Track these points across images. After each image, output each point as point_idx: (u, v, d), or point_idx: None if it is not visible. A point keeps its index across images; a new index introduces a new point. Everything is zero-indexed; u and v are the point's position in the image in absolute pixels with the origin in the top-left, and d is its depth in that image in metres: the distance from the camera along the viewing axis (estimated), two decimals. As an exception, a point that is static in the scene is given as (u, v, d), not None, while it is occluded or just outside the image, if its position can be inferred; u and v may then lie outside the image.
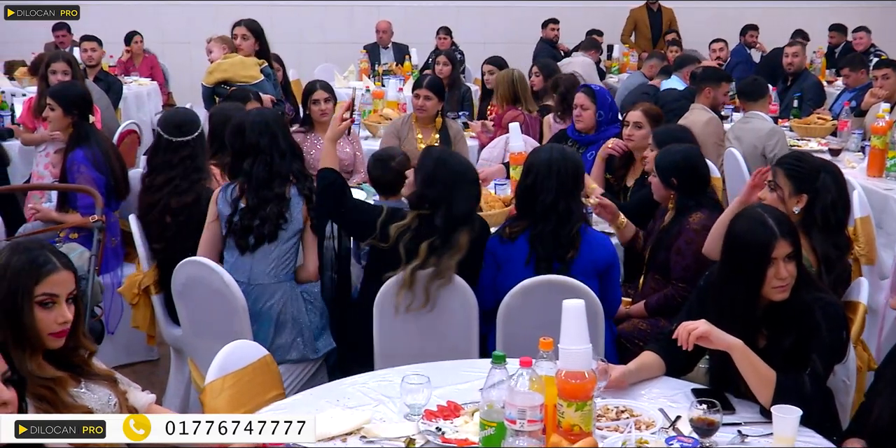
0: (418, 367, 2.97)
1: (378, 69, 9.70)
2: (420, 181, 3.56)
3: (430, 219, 3.50)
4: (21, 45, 10.79)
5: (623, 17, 11.66)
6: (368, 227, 3.55)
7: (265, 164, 3.84)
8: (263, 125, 3.89)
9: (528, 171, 3.58)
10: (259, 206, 3.82)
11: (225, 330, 3.68)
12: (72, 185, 4.50)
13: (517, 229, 3.58)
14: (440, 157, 3.61)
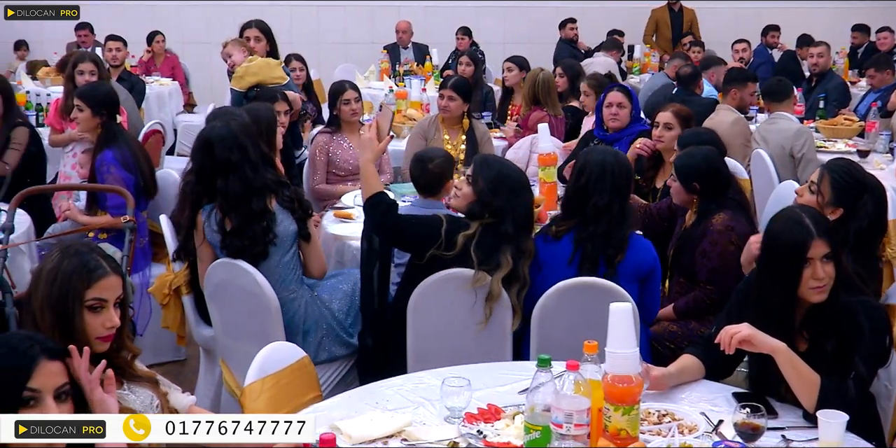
0: (456, 370, 2.96)
1: (399, 69, 9.69)
2: (482, 191, 3.49)
3: (494, 227, 3.47)
4: (43, 44, 10.85)
5: (643, 16, 11.62)
6: (431, 239, 3.46)
7: (240, 180, 3.65)
8: (231, 139, 3.68)
9: (581, 172, 3.57)
10: (244, 226, 3.66)
11: (257, 331, 3.68)
12: (104, 186, 4.50)
13: (563, 229, 3.57)
14: (500, 166, 3.58)
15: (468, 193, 3.55)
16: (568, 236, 3.56)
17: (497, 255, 3.44)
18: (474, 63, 7.99)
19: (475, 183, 3.52)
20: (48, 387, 1.97)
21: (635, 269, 3.54)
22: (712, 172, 3.98)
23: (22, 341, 2.01)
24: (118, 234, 4.67)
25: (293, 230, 3.77)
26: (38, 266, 2.44)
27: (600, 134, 5.50)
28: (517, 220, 3.48)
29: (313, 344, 3.77)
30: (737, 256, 3.88)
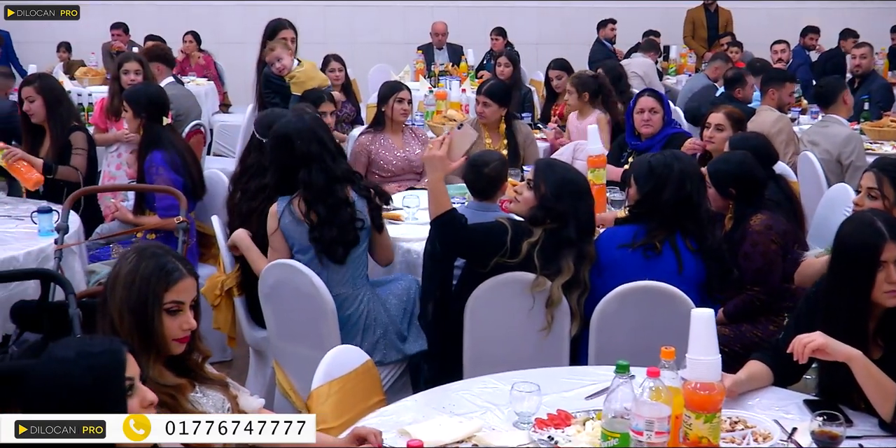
0: (522, 374, 2.94)
1: (434, 70, 9.67)
2: (544, 196, 3.45)
3: (556, 232, 3.43)
4: (80, 45, 10.89)
5: (678, 17, 11.54)
6: (497, 247, 3.42)
7: (322, 171, 3.70)
8: (310, 132, 3.73)
9: (683, 180, 3.48)
10: (332, 215, 3.69)
11: (313, 334, 3.67)
12: (157, 186, 4.51)
13: (661, 238, 3.49)
14: (563, 171, 3.54)
15: (529, 198, 3.51)
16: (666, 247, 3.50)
17: (558, 260, 3.41)
18: (513, 63, 7.96)
19: (537, 188, 3.48)
20: (136, 373, 1.98)
21: (697, 274, 3.50)
22: (748, 177, 3.95)
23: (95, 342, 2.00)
24: (167, 235, 4.68)
25: (369, 220, 3.79)
26: (114, 269, 2.43)
27: (632, 142, 5.45)
28: (580, 225, 3.45)
29: (369, 344, 3.74)
30: (780, 255, 3.85)
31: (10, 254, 4.14)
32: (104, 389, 1.93)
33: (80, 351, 1.94)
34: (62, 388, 1.93)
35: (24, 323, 3.25)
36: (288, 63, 6.06)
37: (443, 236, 3.49)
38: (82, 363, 1.93)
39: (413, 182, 5.60)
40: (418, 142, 5.73)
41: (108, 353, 1.95)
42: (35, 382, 1.93)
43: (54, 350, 1.94)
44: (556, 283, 3.38)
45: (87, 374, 1.93)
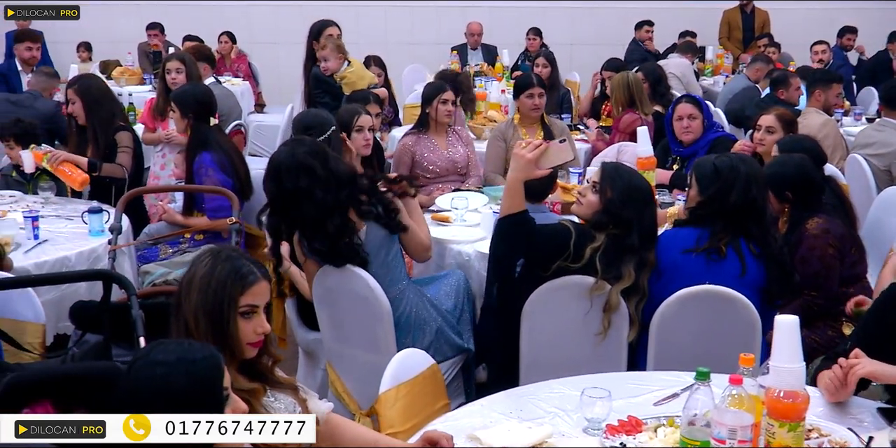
0: (588, 379, 2.91)
1: (469, 70, 9.64)
2: (610, 201, 3.41)
3: (619, 238, 3.40)
4: (116, 45, 10.93)
5: (713, 18, 11.45)
6: (560, 251, 3.38)
7: (312, 204, 3.49)
8: (296, 165, 3.48)
9: (749, 184, 3.44)
10: (332, 247, 3.54)
11: (368, 336, 3.64)
12: (209, 187, 4.50)
13: (725, 242, 3.45)
14: (630, 176, 3.50)
15: (593, 202, 3.47)
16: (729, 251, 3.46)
17: (619, 266, 3.37)
18: (551, 64, 7.92)
19: (602, 192, 3.43)
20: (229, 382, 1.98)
21: (758, 278, 3.46)
22: (806, 181, 3.90)
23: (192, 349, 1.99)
24: (215, 236, 4.68)
25: (383, 234, 3.68)
26: (188, 272, 2.41)
27: (676, 149, 5.40)
28: (643, 231, 3.41)
29: (423, 344, 3.71)
30: (837, 259, 3.80)
31: (63, 254, 4.15)
32: (202, 396, 1.91)
33: (181, 356, 1.92)
34: (160, 393, 1.91)
35: (85, 324, 3.24)
36: (333, 65, 6.05)
37: (509, 236, 3.43)
38: (181, 368, 1.91)
39: (457, 183, 5.57)
40: (462, 143, 5.70)
41: (208, 359, 1.94)
42: (131, 385, 1.92)
43: (153, 353, 1.92)
44: (615, 289, 3.35)
45: (186, 380, 1.91)
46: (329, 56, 6.06)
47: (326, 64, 6.05)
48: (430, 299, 3.82)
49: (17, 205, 4.90)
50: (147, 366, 1.91)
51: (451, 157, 5.59)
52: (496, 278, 3.58)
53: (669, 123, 5.39)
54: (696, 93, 8.44)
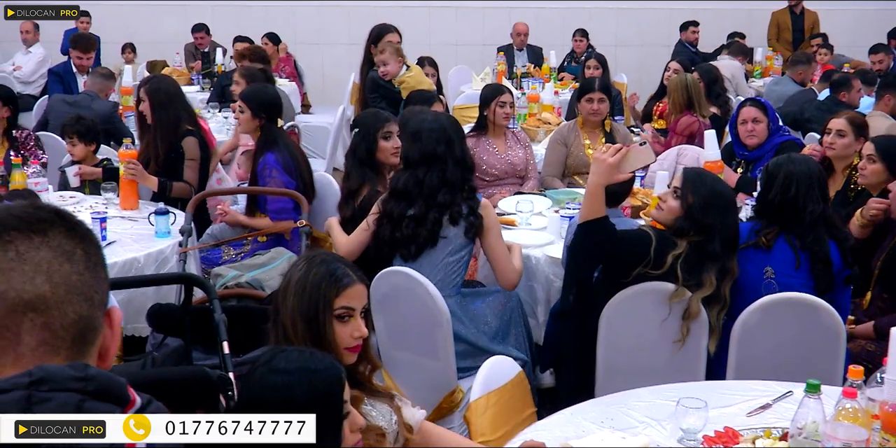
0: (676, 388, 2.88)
1: (515, 71, 9.59)
2: (692, 207, 3.36)
3: (701, 245, 3.35)
4: (161, 45, 10.97)
5: (760, 18, 11.33)
6: (641, 257, 3.34)
7: (439, 172, 3.70)
8: (440, 132, 3.74)
9: (789, 182, 3.48)
10: (424, 215, 3.70)
11: (426, 343, 3.60)
12: (280, 190, 4.48)
13: (771, 236, 3.49)
14: (713, 183, 3.46)
15: (675, 208, 3.41)
16: (778, 243, 3.49)
17: (700, 273, 3.33)
18: (603, 66, 7.84)
19: (684, 198, 3.38)
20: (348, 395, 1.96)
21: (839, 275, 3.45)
22: None
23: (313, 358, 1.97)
24: (277, 238, 4.66)
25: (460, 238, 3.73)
26: (285, 278, 2.41)
27: (741, 152, 5.32)
28: (725, 239, 3.37)
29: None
30: None
31: (132, 255, 4.15)
32: (322, 408, 1.90)
33: (302, 366, 1.92)
34: (279, 402, 1.90)
35: (165, 327, 3.23)
36: (392, 69, 6.03)
37: (590, 243, 3.38)
38: (303, 378, 1.90)
39: (515, 186, 5.54)
40: (520, 145, 5.67)
41: (329, 370, 1.93)
42: (251, 391, 1.92)
43: (275, 360, 1.92)
44: (695, 297, 3.30)
45: (306, 391, 1.90)
46: (388, 60, 6.05)
47: (386, 68, 6.03)
48: (474, 316, 3.79)
49: (80, 205, 4.90)
50: (268, 373, 1.90)
51: (510, 159, 5.56)
52: (574, 284, 3.53)
53: (734, 126, 5.32)
54: (746, 95, 8.35)
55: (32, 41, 9.85)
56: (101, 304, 1.18)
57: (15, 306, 1.11)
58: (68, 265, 1.15)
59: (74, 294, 1.14)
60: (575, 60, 10.25)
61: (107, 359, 1.22)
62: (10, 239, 1.14)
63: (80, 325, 1.15)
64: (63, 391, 1.07)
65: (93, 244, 1.20)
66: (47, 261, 1.14)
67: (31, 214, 1.17)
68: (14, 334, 1.11)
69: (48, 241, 1.15)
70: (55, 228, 1.16)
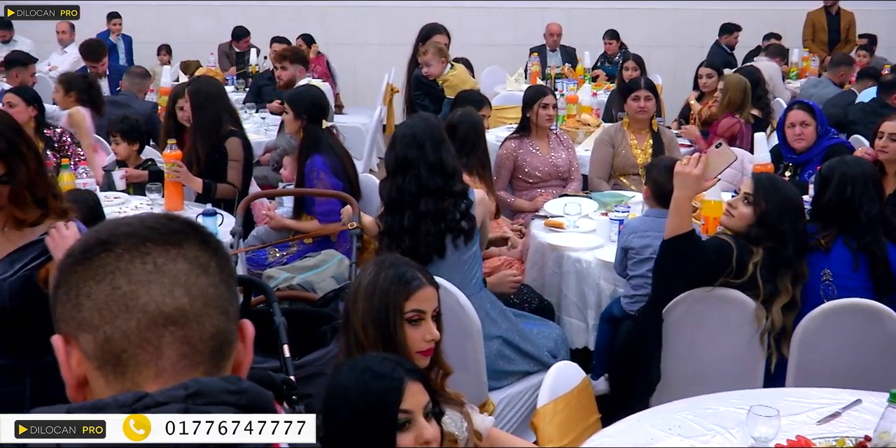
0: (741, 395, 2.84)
1: (549, 72, 9.55)
2: (766, 214, 3.33)
3: (774, 251, 3.33)
4: (193, 46, 10.99)
5: (795, 19, 11.23)
6: (724, 267, 3.31)
7: (414, 178, 3.63)
8: (411, 137, 3.67)
9: (844, 183, 3.45)
10: (416, 226, 3.64)
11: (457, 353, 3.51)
12: (330, 192, 4.47)
13: (828, 238, 3.46)
14: (785, 189, 3.43)
15: (747, 215, 3.37)
16: (836, 246, 3.46)
17: (775, 280, 3.30)
18: (640, 67, 7.79)
19: (757, 204, 3.35)
20: (418, 406, 1.93)
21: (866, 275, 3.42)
22: None
23: (383, 363, 1.96)
24: (324, 240, 4.65)
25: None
26: (355, 282, 2.40)
27: (789, 156, 5.27)
28: (797, 244, 3.35)
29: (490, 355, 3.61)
30: None
31: (180, 257, 4.13)
32: (375, 415, 1.90)
33: (368, 368, 1.92)
34: (335, 400, 1.92)
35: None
36: (434, 71, 6.02)
37: (679, 256, 3.32)
38: (361, 381, 1.91)
39: (558, 188, 5.50)
40: (563, 147, 5.63)
41: (389, 377, 1.92)
42: (326, 393, 1.93)
43: (348, 363, 1.93)
44: (776, 307, 3.28)
45: (360, 394, 1.91)
46: (431, 61, 6.04)
47: (428, 69, 6.01)
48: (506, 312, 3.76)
49: (125, 206, 4.90)
50: (342, 370, 1.92)
51: (554, 161, 5.52)
52: (662, 298, 3.47)
53: (781, 130, 5.26)
54: (783, 96, 8.28)
55: (68, 41, 9.89)
56: (234, 317, 1.15)
57: (156, 319, 1.09)
58: (205, 277, 1.12)
59: (212, 307, 1.11)
60: (608, 61, 10.20)
61: (240, 373, 1.19)
62: (147, 251, 1.11)
63: (218, 338, 1.12)
64: (219, 404, 1.05)
65: (224, 257, 1.17)
66: (185, 273, 1.11)
67: (166, 226, 1.14)
68: (155, 348, 1.09)
69: (184, 253, 1.12)
70: (190, 240, 1.14)
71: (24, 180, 2.36)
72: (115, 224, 1.15)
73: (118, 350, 1.08)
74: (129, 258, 1.10)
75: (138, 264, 1.09)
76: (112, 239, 1.11)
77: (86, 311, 1.09)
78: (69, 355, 1.11)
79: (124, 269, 1.09)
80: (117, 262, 1.09)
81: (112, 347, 1.09)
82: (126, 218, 1.17)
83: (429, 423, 1.94)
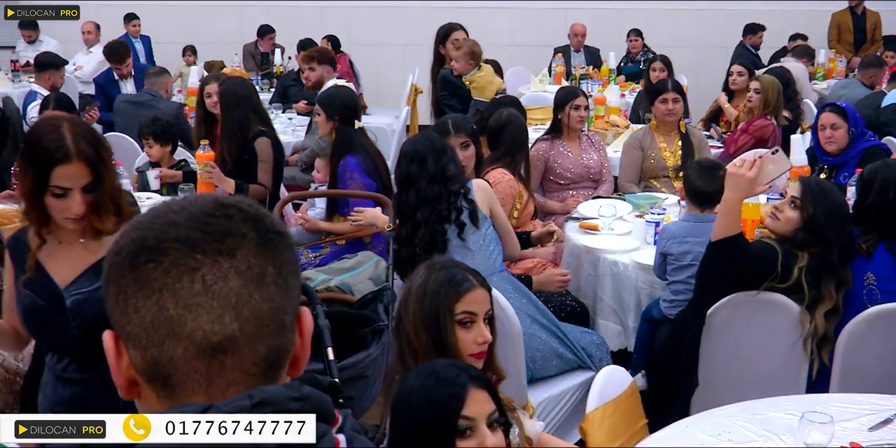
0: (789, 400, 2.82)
1: (574, 73, 9.51)
2: (813, 219, 3.30)
3: (820, 257, 3.30)
4: (218, 46, 11.00)
5: (820, 19, 11.15)
6: (769, 272, 3.29)
7: (415, 192, 3.73)
8: (413, 153, 3.76)
9: (886, 187, 3.41)
10: (412, 234, 3.74)
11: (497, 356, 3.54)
12: (367, 193, 4.46)
13: (870, 242, 3.42)
14: (833, 194, 3.40)
15: (793, 218, 3.34)
16: (879, 250, 3.42)
17: (819, 286, 3.28)
18: (668, 68, 7.75)
19: (804, 209, 3.32)
20: (481, 414, 1.91)
21: None
22: None
23: (447, 369, 1.95)
24: (356, 241, 4.63)
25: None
26: (406, 286, 2.39)
27: (823, 158, 5.22)
28: (842, 250, 3.32)
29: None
30: None
31: (217, 258, 4.13)
32: (436, 420, 1.89)
33: (434, 372, 1.91)
34: (405, 410, 1.91)
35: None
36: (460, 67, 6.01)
37: (725, 259, 3.28)
38: (424, 391, 1.90)
39: (590, 189, 5.48)
40: (595, 148, 5.60)
41: (450, 384, 1.91)
42: (394, 397, 1.92)
43: (416, 368, 1.93)
44: (819, 313, 3.25)
45: (423, 398, 1.90)
46: (460, 59, 6.03)
47: (456, 64, 6.02)
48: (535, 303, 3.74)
49: (158, 207, 4.90)
50: (412, 374, 1.91)
51: (585, 163, 5.49)
52: (705, 300, 3.44)
53: (815, 132, 5.22)
54: (810, 98, 8.22)
55: (94, 41, 9.92)
56: (291, 324, 1.09)
57: (204, 349, 1.02)
58: (258, 293, 1.04)
59: (265, 326, 1.05)
60: (630, 61, 10.16)
61: (298, 369, 1.14)
62: (196, 266, 1.02)
63: (272, 356, 1.06)
64: (285, 413, 1.02)
65: (283, 252, 1.07)
66: (236, 292, 1.02)
67: (220, 226, 1.04)
68: (203, 376, 1.04)
69: (237, 265, 1.03)
70: (245, 245, 1.04)
71: (108, 189, 2.34)
72: (165, 224, 1.05)
73: (165, 373, 1.04)
74: (177, 274, 1.02)
75: (186, 283, 1.02)
76: (161, 247, 1.03)
77: (133, 326, 1.03)
78: (120, 356, 1.07)
79: (171, 287, 1.02)
80: (165, 278, 1.02)
81: (160, 370, 1.04)
82: (176, 211, 1.06)
83: (493, 432, 1.92)
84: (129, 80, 8.02)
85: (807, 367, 3.38)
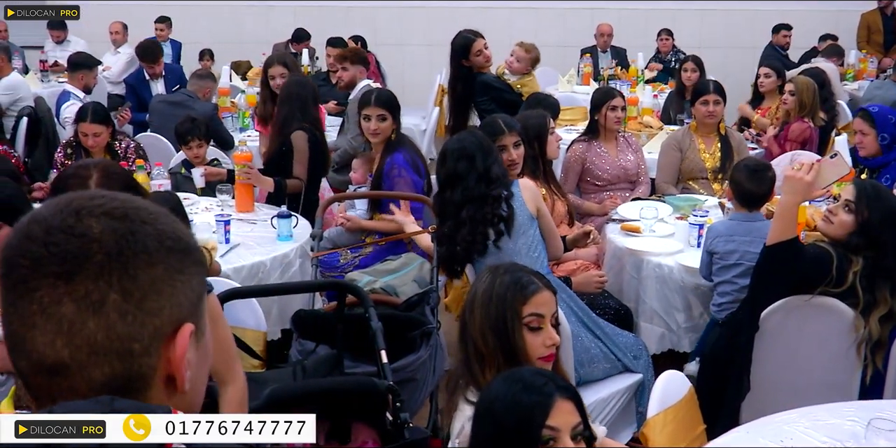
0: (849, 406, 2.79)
1: (602, 73, 9.47)
2: (868, 222, 3.26)
3: (874, 261, 3.26)
4: (245, 46, 11.02)
5: (849, 20, 11.08)
6: (824, 276, 3.26)
7: (462, 190, 3.72)
8: (460, 151, 3.74)
9: None
10: (455, 232, 3.74)
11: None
12: (410, 195, 4.43)
13: None
14: (890, 198, 3.35)
15: (847, 222, 3.30)
16: None
17: (874, 290, 3.23)
18: (699, 68, 7.70)
19: (859, 213, 3.27)
20: (566, 426, 1.88)
21: None
22: None
23: (535, 377, 1.93)
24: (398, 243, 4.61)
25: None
26: (470, 292, 2.37)
27: (863, 160, 5.18)
28: None
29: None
30: None
31: (258, 258, 4.13)
32: (519, 429, 1.86)
33: (516, 382, 1.89)
34: (488, 416, 1.89)
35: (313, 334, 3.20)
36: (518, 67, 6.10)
37: (780, 262, 3.25)
38: (509, 398, 1.88)
39: (627, 191, 5.44)
40: (632, 149, 5.57)
41: (536, 393, 1.88)
42: (477, 403, 1.90)
43: (502, 374, 1.91)
44: (873, 318, 3.21)
45: (507, 406, 1.87)
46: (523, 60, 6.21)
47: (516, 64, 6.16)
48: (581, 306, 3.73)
49: (195, 207, 4.89)
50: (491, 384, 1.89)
51: (622, 164, 5.46)
52: (759, 303, 3.41)
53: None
54: (842, 98, 8.16)
55: (121, 42, 9.94)
56: (150, 346, 1.03)
57: (39, 369, 1.02)
58: (93, 321, 1.00)
59: (100, 355, 1.01)
60: (660, 61, 10.10)
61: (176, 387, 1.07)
62: (36, 286, 1.00)
63: (114, 383, 1.03)
64: None
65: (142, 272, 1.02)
66: (69, 319, 1.00)
67: (64, 246, 1.00)
68: (47, 394, 1.04)
69: (72, 291, 0.99)
70: (87, 269, 0.99)
71: None
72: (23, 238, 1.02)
73: (25, 381, 1.06)
74: (21, 292, 1.01)
75: (26, 303, 1.01)
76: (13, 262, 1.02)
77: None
78: None
79: (15, 304, 1.02)
80: (12, 295, 1.01)
81: (21, 376, 1.06)
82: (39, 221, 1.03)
83: (576, 444, 1.90)
84: (160, 80, 8.03)
85: (860, 373, 3.33)
